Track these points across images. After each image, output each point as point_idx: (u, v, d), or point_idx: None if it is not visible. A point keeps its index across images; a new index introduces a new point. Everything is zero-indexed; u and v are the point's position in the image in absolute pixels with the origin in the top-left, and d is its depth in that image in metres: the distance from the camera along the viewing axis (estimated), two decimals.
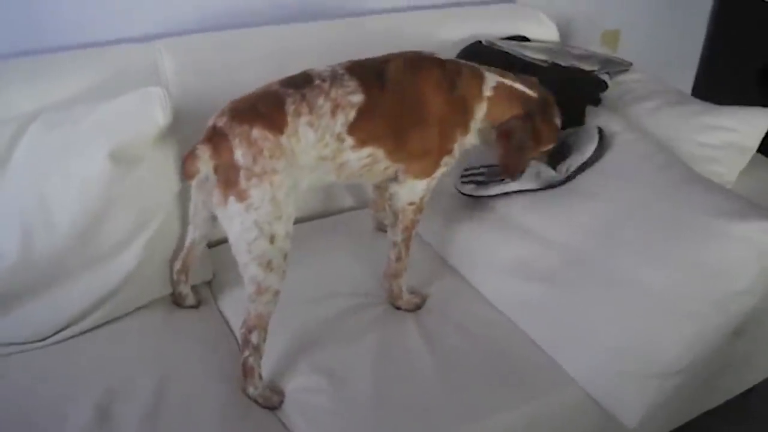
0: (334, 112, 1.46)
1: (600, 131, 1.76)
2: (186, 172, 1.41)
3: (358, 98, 1.48)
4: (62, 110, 1.60)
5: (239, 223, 1.39)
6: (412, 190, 1.62)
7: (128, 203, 1.56)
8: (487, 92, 1.62)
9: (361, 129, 1.49)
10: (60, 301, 1.55)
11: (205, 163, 1.39)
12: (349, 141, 1.49)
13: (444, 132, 1.59)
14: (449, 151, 1.61)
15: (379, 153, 1.54)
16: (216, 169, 1.40)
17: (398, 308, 1.70)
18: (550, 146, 1.72)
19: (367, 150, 1.52)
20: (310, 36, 1.99)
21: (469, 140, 1.66)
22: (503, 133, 1.63)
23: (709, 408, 1.99)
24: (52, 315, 1.55)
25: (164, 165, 1.63)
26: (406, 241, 1.67)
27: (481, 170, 1.86)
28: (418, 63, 1.60)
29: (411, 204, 1.64)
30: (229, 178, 1.38)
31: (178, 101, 1.63)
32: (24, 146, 1.54)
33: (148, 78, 1.72)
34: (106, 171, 1.51)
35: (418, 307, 1.70)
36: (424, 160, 1.60)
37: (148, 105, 1.55)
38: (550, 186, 1.74)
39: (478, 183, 1.84)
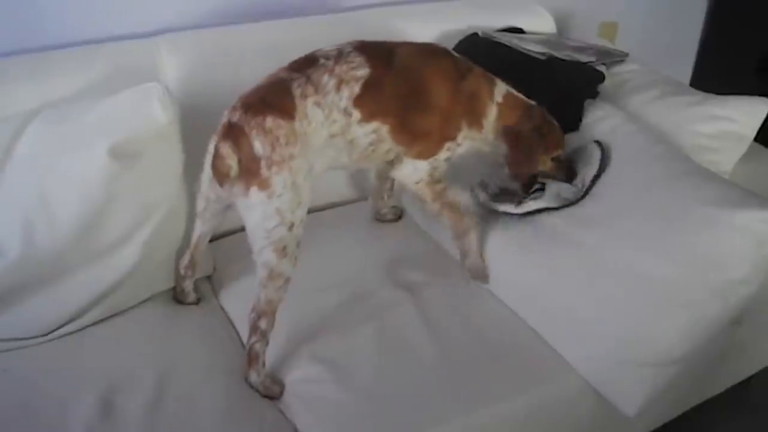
0: (338, 87, 1.49)
1: (599, 144, 1.75)
2: (219, 176, 1.44)
3: (363, 72, 1.51)
4: (63, 107, 1.61)
5: (261, 211, 1.42)
6: (414, 169, 1.65)
7: (129, 199, 1.57)
8: (499, 98, 1.67)
9: (367, 102, 1.51)
10: (62, 297, 1.55)
11: (231, 159, 1.41)
12: (356, 114, 1.51)
13: (448, 118, 1.61)
14: (452, 138, 1.64)
15: (384, 129, 1.56)
16: (238, 163, 1.42)
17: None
18: (560, 151, 1.73)
19: (373, 125, 1.54)
20: (310, 30, 1.99)
21: (481, 136, 1.67)
22: (511, 135, 1.66)
23: (710, 397, 2.00)
24: (54, 310, 1.56)
25: (166, 160, 1.63)
26: (446, 208, 1.68)
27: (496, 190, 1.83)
28: (429, 51, 1.66)
29: (417, 182, 1.66)
30: (250, 169, 1.41)
31: (179, 97, 1.63)
32: (25, 143, 1.55)
33: (148, 74, 1.72)
34: (106, 167, 1.51)
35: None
36: (425, 141, 1.62)
37: (147, 101, 1.56)
38: (572, 203, 1.70)
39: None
